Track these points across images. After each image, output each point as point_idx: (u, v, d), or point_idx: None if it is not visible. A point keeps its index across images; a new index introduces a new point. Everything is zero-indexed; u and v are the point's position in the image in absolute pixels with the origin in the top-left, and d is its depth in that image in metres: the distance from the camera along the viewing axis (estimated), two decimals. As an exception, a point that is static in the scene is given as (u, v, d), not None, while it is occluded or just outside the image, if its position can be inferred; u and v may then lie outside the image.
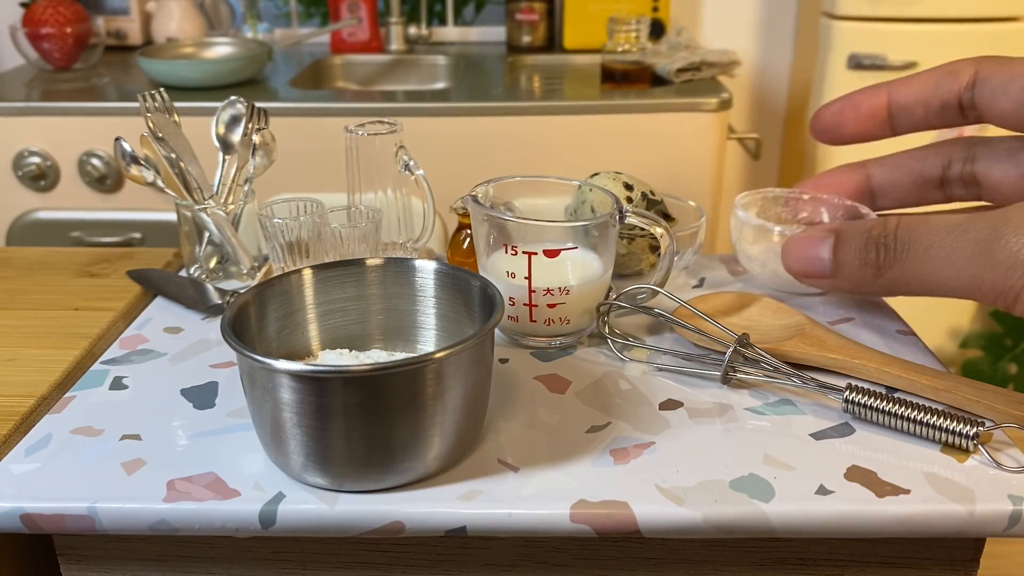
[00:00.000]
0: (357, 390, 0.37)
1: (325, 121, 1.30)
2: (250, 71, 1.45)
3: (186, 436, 0.44)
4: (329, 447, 0.38)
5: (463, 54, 1.71)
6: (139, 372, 0.51)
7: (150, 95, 0.61)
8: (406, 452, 0.39)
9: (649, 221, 0.52)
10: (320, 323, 0.47)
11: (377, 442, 0.38)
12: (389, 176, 0.62)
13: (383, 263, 0.47)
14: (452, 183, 0.74)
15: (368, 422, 0.38)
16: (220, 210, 0.61)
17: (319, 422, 0.38)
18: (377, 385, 0.37)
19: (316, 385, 0.37)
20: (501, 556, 0.42)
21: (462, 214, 0.62)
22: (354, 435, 0.38)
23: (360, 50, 1.71)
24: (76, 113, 1.33)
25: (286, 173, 0.89)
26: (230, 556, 0.43)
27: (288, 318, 0.46)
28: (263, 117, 0.63)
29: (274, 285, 0.45)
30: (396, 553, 0.43)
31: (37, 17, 1.51)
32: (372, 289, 0.47)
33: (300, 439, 0.38)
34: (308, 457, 0.39)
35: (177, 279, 0.62)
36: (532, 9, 1.67)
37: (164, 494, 0.40)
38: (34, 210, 1.36)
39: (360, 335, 0.48)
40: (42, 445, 0.43)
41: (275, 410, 0.38)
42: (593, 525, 0.39)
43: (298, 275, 0.46)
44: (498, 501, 0.39)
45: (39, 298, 0.62)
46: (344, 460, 0.39)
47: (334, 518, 0.39)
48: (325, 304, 0.47)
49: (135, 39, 1.71)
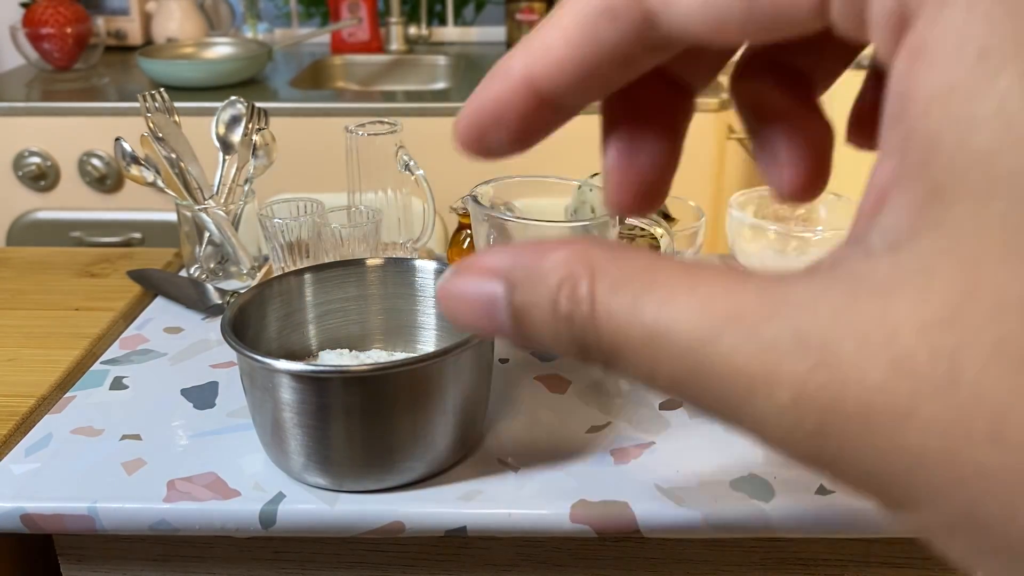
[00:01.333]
0: (357, 390, 0.37)
1: (325, 121, 1.30)
2: (250, 71, 1.45)
3: (186, 436, 0.44)
4: (329, 447, 0.38)
5: (463, 54, 1.71)
6: (139, 372, 0.51)
7: (150, 95, 0.61)
8: (406, 452, 0.39)
9: (649, 221, 0.52)
10: (320, 323, 0.47)
11: (377, 442, 0.38)
12: (389, 176, 0.62)
13: (383, 263, 0.47)
14: (452, 183, 0.74)
15: (368, 422, 0.38)
16: (220, 210, 0.61)
17: (319, 422, 0.38)
18: (377, 385, 0.37)
19: (316, 385, 0.37)
20: (501, 556, 0.42)
21: (462, 214, 0.62)
22: (354, 435, 0.38)
23: (360, 50, 1.71)
24: (76, 113, 1.33)
25: (286, 173, 0.89)
26: (230, 556, 0.43)
27: (288, 318, 0.46)
28: (263, 117, 0.63)
29: (274, 285, 0.45)
30: (396, 553, 0.43)
31: (37, 17, 1.51)
32: (372, 289, 0.47)
33: (300, 439, 0.38)
34: (308, 457, 0.39)
35: (177, 279, 0.62)
36: (532, 9, 1.67)
37: (164, 494, 0.40)
38: (34, 210, 1.36)
39: (360, 335, 0.48)
40: (42, 445, 0.43)
41: (275, 410, 0.38)
42: (593, 525, 0.38)
43: (298, 275, 0.46)
44: (498, 501, 0.39)
45: (39, 298, 0.62)
46: (344, 460, 0.39)
47: (334, 518, 0.39)
48: (325, 304, 0.47)
49: (135, 39, 1.71)
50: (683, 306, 0.16)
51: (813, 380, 0.14)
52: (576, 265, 0.19)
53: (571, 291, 0.19)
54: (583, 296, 0.18)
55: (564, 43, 0.20)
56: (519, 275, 0.20)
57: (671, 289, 0.16)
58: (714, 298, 0.16)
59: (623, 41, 0.19)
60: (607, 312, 0.18)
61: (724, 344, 0.15)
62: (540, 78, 0.21)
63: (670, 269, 0.17)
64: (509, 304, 0.20)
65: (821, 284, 0.15)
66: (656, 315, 0.16)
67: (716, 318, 0.15)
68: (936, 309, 0.13)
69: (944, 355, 0.13)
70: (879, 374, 0.13)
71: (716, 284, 0.16)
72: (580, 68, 0.20)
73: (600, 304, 0.18)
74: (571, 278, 0.19)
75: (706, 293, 0.16)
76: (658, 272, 0.17)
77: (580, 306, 0.18)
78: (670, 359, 0.16)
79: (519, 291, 0.20)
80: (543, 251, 0.20)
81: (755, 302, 0.15)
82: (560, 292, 0.19)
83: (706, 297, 0.16)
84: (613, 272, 0.18)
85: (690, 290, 0.16)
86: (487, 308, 0.21)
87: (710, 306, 0.16)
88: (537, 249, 0.20)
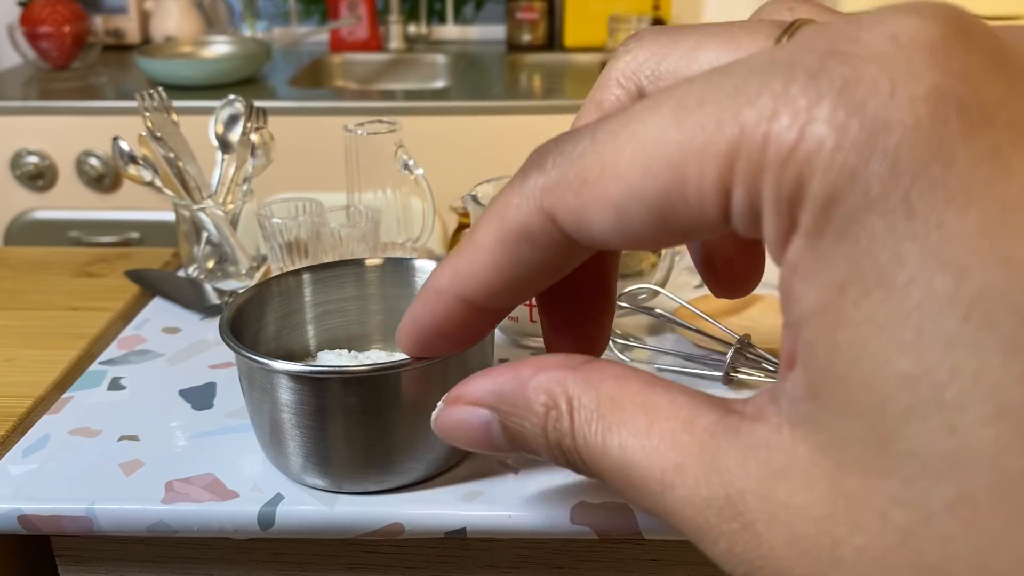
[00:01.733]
0: (356, 391, 0.37)
1: (324, 120, 1.30)
2: (249, 70, 1.45)
3: (184, 437, 0.44)
4: (328, 448, 0.38)
5: (463, 53, 1.70)
6: (137, 372, 0.50)
7: (148, 94, 0.61)
8: (405, 453, 0.39)
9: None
10: (319, 323, 0.47)
11: (376, 443, 0.38)
12: (388, 175, 0.61)
13: (382, 263, 0.47)
14: (452, 183, 0.74)
15: (367, 423, 0.38)
16: (218, 210, 0.61)
17: (318, 423, 0.38)
18: (376, 386, 0.37)
19: (315, 386, 0.37)
20: (501, 558, 0.42)
21: (462, 214, 0.62)
22: (353, 436, 0.38)
23: (359, 49, 1.71)
24: (74, 112, 1.32)
25: (285, 173, 0.89)
26: (229, 558, 0.42)
27: (287, 318, 0.46)
28: (262, 116, 0.63)
29: (272, 285, 0.45)
30: (395, 555, 0.42)
31: (35, 16, 1.51)
32: (371, 289, 0.47)
33: (299, 440, 0.38)
34: (307, 458, 0.39)
35: (175, 279, 0.62)
36: (532, 8, 1.67)
37: (162, 495, 0.39)
38: (32, 210, 1.36)
39: (359, 335, 0.48)
40: (40, 446, 0.43)
41: (274, 411, 0.38)
42: (594, 527, 0.38)
43: (296, 275, 0.46)
44: (498, 502, 0.39)
45: (37, 298, 0.61)
46: (343, 461, 0.39)
47: (333, 519, 0.39)
48: (324, 304, 0.47)
49: (133, 38, 1.71)
50: (641, 450, 0.19)
51: (741, 540, 0.17)
52: (557, 395, 0.22)
53: (556, 422, 0.22)
54: (565, 431, 0.21)
55: (489, 267, 0.22)
56: (505, 404, 0.23)
57: (632, 429, 0.20)
58: (664, 446, 0.19)
59: (545, 260, 0.21)
60: (584, 445, 0.21)
61: (675, 496, 0.18)
62: (473, 297, 0.23)
63: (632, 401, 0.20)
64: (503, 428, 0.23)
65: (744, 450, 0.18)
66: (620, 455, 0.20)
67: (667, 469, 0.19)
68: (818, 504, 0.16)
69: (826, 546, 0.16)
70: (784, 550, 0.16)
71: (667, 424, 0.19)
72: (508, 286, 0.22)
73: (579, 438, 0.21)
74: (555, 408, 0.22)
75: (660, 435, 0.19)
76: (624, 404, 0.20)
77: (564, 439, 0.21)
78: (637, 494, 0.20)
79: (510, 417, 0.23)
80: (522, 378, 0.23)
81: (696, 457, 0.18)
82: (547, 421, 0.22)
83: (659, 442, 0.19)
84: (587, 403, 0.21)
85: (648, 430, 0.19)
86: (483, 434, 0.24)
87: (662, 455, 0.19)
88: (516, 376, 0.23)
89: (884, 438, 0.15)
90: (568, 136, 0.20)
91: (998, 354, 0.14)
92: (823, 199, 0.15)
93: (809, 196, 0.16)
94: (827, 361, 0.16)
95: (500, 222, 0.21)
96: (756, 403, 0.18)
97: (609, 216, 0.19)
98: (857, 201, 0.15)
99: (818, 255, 0.16)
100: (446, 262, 0.24)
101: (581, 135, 0.19)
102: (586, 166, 0.19)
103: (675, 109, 0.18)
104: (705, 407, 0.19)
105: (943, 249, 0.14)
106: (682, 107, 0.17)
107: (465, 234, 0.23)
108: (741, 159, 0.16)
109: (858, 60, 0.16)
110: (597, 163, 0.19)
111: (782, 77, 0.16)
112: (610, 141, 0.19)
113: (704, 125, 0.17)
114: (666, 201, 0.18)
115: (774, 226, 0.17)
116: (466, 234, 0.23)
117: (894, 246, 0.15)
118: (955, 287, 0.14)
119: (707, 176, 0.17)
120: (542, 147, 0.21)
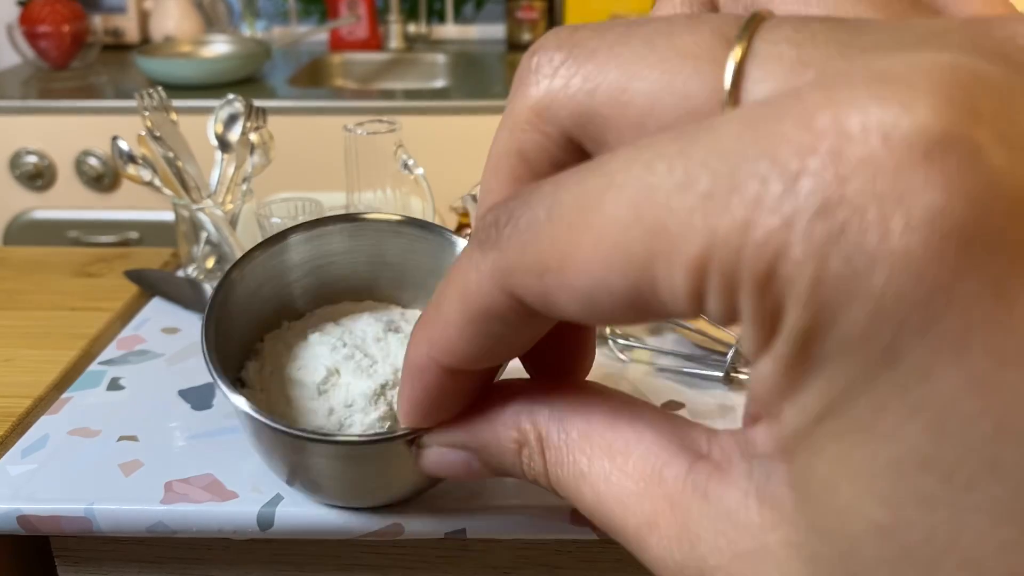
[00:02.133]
0: (345, 453, 0.34)
1: (324, 120, 1.30)
2: (248, 69, 1.45)
3: (184, 437, 0.44)
4: (320, 487, 0.37)
5: (463, 52, 1.70)
6: (136, 373, 0.50)
7: (147, 94, 0.61)
8: (402, 475, 0.36)
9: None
10: (308, 280, 0.42)
11: (370, 481, 0.36)
12: (388, 175, 0.61)
13: (371, 217, 0.42)
14: (452, 183, 0.74)
15: (365, 476, 0.36)
16: (218, 209, 0.61)
17: (308, 466, 0.36)
18: (374, 454, 0.34)
19: (301, 444, 0.34)
20: (501, 559, 0.42)
21: (462, 214, 0.62)
22: (347, 479, 0.36)
23: (359, 48, 1.71)
24: (73, 112, 1.32)
25: (284, 172, 0.89)
26: (228, 558, 0.42)
27: (276, 279, 0.41)
28: (261, 116, 0.63)
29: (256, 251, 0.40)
30: (395, 555, 0.42)
31: (34, 15, 1.51)
32: (360, 242, 0.42)
33: (292, 473, 0.37)
34: (303, 487, 0.38)
35: (174, 279, 0.61)
36: (532, 7, 1.67)
37: (162, 496, 0.39)
38: (31, 209, 1.36)
39: (352, 288, 0.43)
40: (39, 446, 0.43)
41: (266, 445, 0.36)
42: (594, 527, 0.38)
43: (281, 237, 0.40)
44: (498, 503, 0.39)
45: (36, 298, 0.61)
46: (336, 494, 0.38)
47: (333, 520, 0.39)
48: (312, 260, 0.42)
49: (132, 37, 1.71)
50: (613, 499, 0.20)
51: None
52: (526, 431, 0.23)
53: (529, 461, 0.23)
54: (539, 472, 0.22)
55: (465, 340, 0.21)
56: (479, 447, 0.24)
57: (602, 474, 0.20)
58: (634, 500, 0.19)
59: (516, 330, 0.20)
60: (559, 486, 0.22)
61: (650, 555, 0.19)
62: (457, 366, 0.22)
63: (600, 440, 0.21)
64: (483, 464, 0.25)
65: (714, 520, 0.17)
66: (594, 503, 0.20)
67: (640, 526, 0.19)
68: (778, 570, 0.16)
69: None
70: None
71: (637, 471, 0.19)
72: (486, 355, 0.22)
73: (552, 479, 0.22)
74: (526, 445, 0.23)
75: (631, 484, 0.19)
76: (593, 441, 0.21)
77: (540, 478, 0.22)
78: (616, 538, 0.20)
79: (487, 455, 0.24)
80: (490, 416, 0.24)
81: (668, 515, 0.18)
82: (521, 459, 0.23)
83: (629, 494, 0.19)
84: (555, 442, 0.22)
85: (619, 476, 0.20)
86: (465, 469, 0.25)
87: (634, 510, 0.19)
88: (485, 415, 0.24)
89: (857, 574, 0.15)
90: (520, 201, 0.18)
91: (984, 519, 0.13)
92: (799, 334, 0.14)
93: (786, 326, 0.14)
94: (802, 472, 0.15)
95: (463, 301, 0.20)
96: (724, 447, 0.18)
97: (578, 304, 0.17)
98: (836, 345, 0.14)
99: (794, 382, 0.15)
100: (419, 332, 0.22)
101: (532, 203, 0.18)
102: (543, 251, 0.17)
103: (634, 199, 0.16)
104: (672, 451, 0.19)
105: (928, 405, 0.13)
106: (642, 198, 0.15)
107: (430, 303, 0.22)
108: (713, 272, 0.15)
109: (842, 164, 0.13)
110: (555, 251, 0.17)
111: (755, 177, 0.14)
112: (565, 224, 0.17)
113: (669, 227, 0.15)
114: (637, 295, 0.16)
115: (752, 339, 0.15)
116: (431, 303, 0.22)
117: (874, 396, 0.14)
118: (936, 448, 0.13)
119: (677, 282, 0.15)
120: (497, 209, 0.19)
